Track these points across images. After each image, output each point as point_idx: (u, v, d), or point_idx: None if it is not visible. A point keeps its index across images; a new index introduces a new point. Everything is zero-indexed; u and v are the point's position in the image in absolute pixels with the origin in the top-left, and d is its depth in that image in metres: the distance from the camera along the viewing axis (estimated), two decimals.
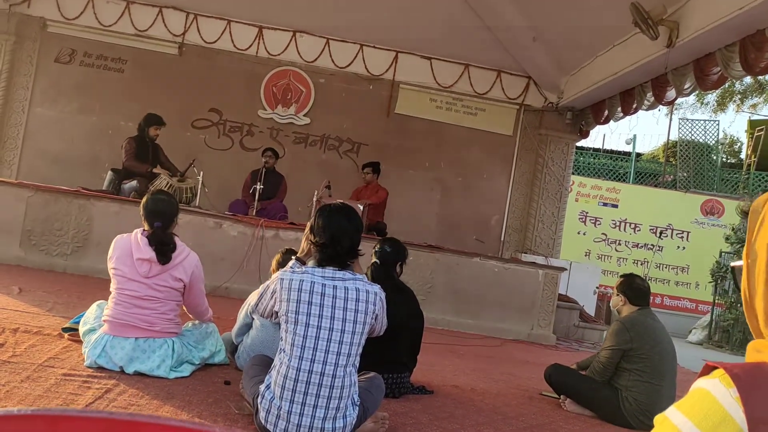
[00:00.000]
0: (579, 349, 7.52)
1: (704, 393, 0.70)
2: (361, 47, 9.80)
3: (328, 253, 2.75)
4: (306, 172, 9.37)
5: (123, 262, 3.47)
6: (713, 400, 0.68)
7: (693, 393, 0.71)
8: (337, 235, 2.75)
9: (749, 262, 0.81)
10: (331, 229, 2.77)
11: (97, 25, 9.37)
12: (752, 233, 0.81)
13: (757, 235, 0.80)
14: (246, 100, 9.72)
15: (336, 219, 2.80)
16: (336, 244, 2.75)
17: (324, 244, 2.75)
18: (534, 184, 10.13)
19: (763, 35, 5.84)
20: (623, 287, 4.19)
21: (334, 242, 2.75)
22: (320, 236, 2.77)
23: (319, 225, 2.79)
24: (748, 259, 0.81)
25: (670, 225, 13.67)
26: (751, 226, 0.82)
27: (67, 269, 6.78)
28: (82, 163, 9.22)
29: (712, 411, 0.68)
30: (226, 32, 9.59)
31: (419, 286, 7.00)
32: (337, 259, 2.75)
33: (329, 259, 2.75)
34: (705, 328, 11.92)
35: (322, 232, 2.78)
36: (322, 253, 2.76)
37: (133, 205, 6.69)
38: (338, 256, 2.75)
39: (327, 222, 2.79)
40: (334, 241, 2.75)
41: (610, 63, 8.15)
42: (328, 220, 2.80)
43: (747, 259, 0.81)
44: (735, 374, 0.69)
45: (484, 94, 9.98)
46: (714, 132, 16.61)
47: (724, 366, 0.70)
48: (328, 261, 2.75)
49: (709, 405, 0.68)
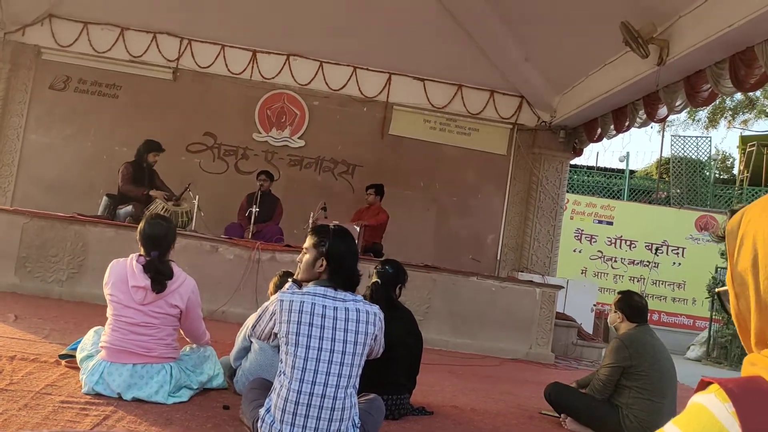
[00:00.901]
0: (578, 367, 7.49)
1: (701, 408, 0.70)
2: (355, 70, 9.87)
3: (346, 278, 2.77)
4: (301, 194, 9.38)
5: (118, 289, 3.45)
6: (710, 415, 0.68)
7: (690, 408, 0.71)
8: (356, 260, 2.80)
9: (736, 286, 0.79)
10: (352, 255, 2.81)
11: (92, 51, 9.42)
12: (733, 257, 0.79)
13: (739, 256, 0.78)
14: (241, 123, 9.76)
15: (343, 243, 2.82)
16: (354, 270, 2.79)
17: (341, 269, 2.77)
18: (529, 203, 10.16)
19: (752, 52, 5.91)
20: (621, 304, 4.19)
21: (353, 268, 2.78)
22: (342, 260, 2.78)
23: (340, 250, 2.79)
24: (734, 284, 0.79)
25: (666, 241, 13.71)
26: (730, 249, 0.79)
27: (62, 296, 6.74)
28: (77, 189, 9.21)
29: (709, 425, 0.68)
30: (220, 57, 9.66)
31: (417, 306, 6.98)
32: (353, 285, 2.78)
33: (346, 284, 2.77)
34: (703, 345, 11.90)
35: (344, 256, 2.79)
36: (336, 276, 2.76)
37: (129, 230, 6.68)
38: (355, 281, 2.79)
39: (337, 245, 2.80)
40: (353, 267, 2.79)
41: (601, 81, 8.23)
42: (347, 246, 2.82)
43: (733, 284, 0.79)
44: (730, 389, 0.69)
45: (477, 115, 10.04)
46: (706, 148, 16.74)
47: (719, 381, 0.71)
48: (344, 285, 2.76)
49: (707, 420, 0.68)
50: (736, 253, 0.78)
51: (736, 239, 0.78)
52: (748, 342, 0.80)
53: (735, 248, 0.78)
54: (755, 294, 0.76)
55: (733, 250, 0.79)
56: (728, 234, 0.80)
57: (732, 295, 0.80)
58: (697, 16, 6.21)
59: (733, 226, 0.79)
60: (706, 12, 6.06)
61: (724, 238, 0.82)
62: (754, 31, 5.64)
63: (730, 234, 0.79)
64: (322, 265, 2.79)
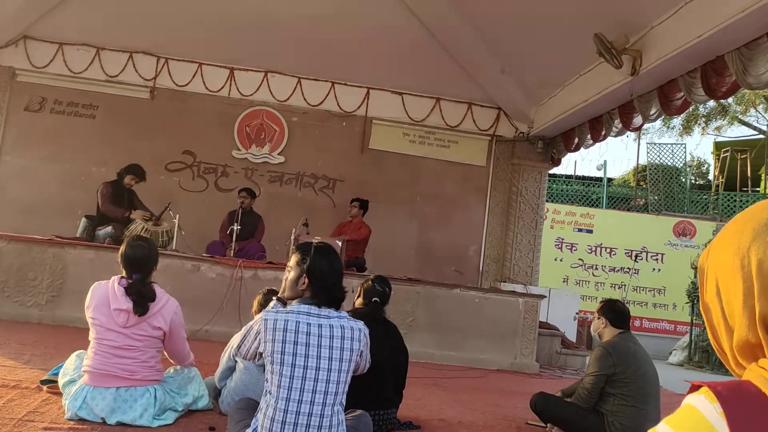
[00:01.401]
0: (563, 376, 7.53)
1: (691, 409, 0.74)
2: (333, 85, 9.92)
3: (330, 294, 2.76)
4: (282, 210, 9.37)
5: (100, 312, 3.42)
6: (700, 415, 0.72)
7: (682, 409, 0.76)
8: (339, 277, 2.80)
9: (706, 314, 0.87)
10: (335, 272, 2.80)
11: (67, 72, 9.37)
12: (702, 288, 0.88)
13: (706, 290, 0.86)
14: (220, 141, 9.74)
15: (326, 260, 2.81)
16: (338, 286, 2.78)
17: (325, 286, 2.76)
18: (509, 213, 10.23)
19: (722, 61, 6.03)
20: (604, 310, 4.23)
21: (337, 284, 2.78)
22: (325, 277, 2.77)
23: (322, 267, 2.78)
24: (706, 313, 0.87)
25: (645, 248, 13.86)
26: (700, 282, 0.88)
27: (42, 320, 6.65)
28: (54, 211, 9.10)
29: (698, 425, 0.72)
30: (198, 75, 9.65)
31: (401, 319, 6.99)
32: (337, 301, 2.78)
33: (331, 301, 2.76)
34: (685, 349, 12.02)
35: (327, 273, 2.78)
36: (321, 294, 2.76)
37: (109, 252, 6.62)
38: (339, 298, 2.78)
39: (318, 262, 2.79)
40: (336, 283, 2.78)
41: (577, 92, 8.34)
42: (330, 263, 2.81)
43: (705, 314, 0.88)
44: (718, 391, 0.73)
45: (455, 127, 10.12)
46: (681, 155, 16.99)
47: (708, 384, 0.76)
48: (329, 302, 2.76)
49: (697, 419, 0.72)
50: (705, 285, 0.87)
51: (704, 274, 0.87)
52: (728, 364, 0.87)
53: (704, 281, 0.87)
54: (723, 319, 0.83)
55: (702, 283, 0.88)
56: (699, 269, 0.90)
57: (705, 321, 0.89)
58: (668, 27, 6.34)
59: (702, 262, 0.89)
60: (677, 23, 6.19)
61: None
62: (723, 41, 5.76)
63: (700, 269, 0.89)
64: (305, 283, 2.78)
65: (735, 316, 0.81)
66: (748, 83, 5.91)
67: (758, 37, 5.57)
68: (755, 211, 0.83)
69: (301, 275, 2.79)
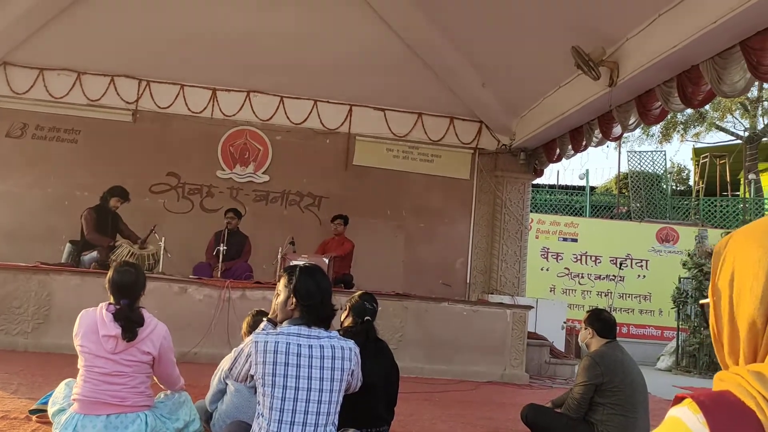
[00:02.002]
0: (552, 386, 7.56)
1: (676, 420, 0.78)
2: (315, 103, 9.97)
3: (318, 314, 2.77)
4: (269, 229, 9.36)
5: (89, 339, 3.40)
6: (684, 426, 0.76)
7: (666, 421, 0.79)
8: (327, 296, 2.81)
9: (714, 299, 0.90)
10: (322, 291, 2.81)
11: (48, 97, 9.34)
12: (715, 274, 0.90)
13: (720, 275, 0.89)
14: (204, 161, 9.74)
15: (312, 280, 2.83)
16: (326, 305, 2.79)
17: (312, 305, 2.77)
18: (494, 225, 10.30)
19: (697, 70, 6.16)
20: (591, 320, 4.27)
21: (325, 303, 2.79)
22: (311, 297, 2.78)
23: (308, 287, 2.80)
24: (714, 297, 0.90)
25: (629, 255, 13.99)
26: (714, 266, 0.91)
27: (28, 347, 6.59)
28: (38, 237, 9.04)
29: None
30: (180, 96, 9.66)
31: (390, 335, 7.00)
32: (320, 319, 2.78)
33: (320, 320, 2.77)
34: (672, 354, 12.11)
35: (314, 293, 2.79)
36: (309, 313, 2.77)
37: (95, 277, 6.59)
38: (327, 316, 2.79)
39: (304, 282, 2.81)
40: (324, 302, 2.79)
41: (557, 104, 8.45)
42: (316, 282, 2.82)
43: (713, 297, 0.90)
44: (701, 401, 0.77)
45: (438, 141, 10.20)
46: (661, 162, 17.21)
47: (691, 395, 0.79)
48: (318, 322, 2.77)
49: (681, 430, 0.76)
50: (719, 269, 0.89)
51: (720, 258, 0.90)
52: (721, 352, 0.90)
53: (718, 266, 0.90)
54: (728, 306, 0.87)
55: (716, 267, 0.90)
56: (715, 253, 0.92)
57: (711, 305, 0.91)
58: (643, 38, 6.46)
59: (719, 247, 0.91)
60: (651, 34, 6.31)
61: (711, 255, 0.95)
62: (697, 51, 5.88)
63: (717, 253, 0.91)
64: (293, 303, 2.80)
65: (742, 307, 0.84)
66: (723, 91, 6.03)
67: (731, 46, 5.70)
68: None
69: (289, 296, 2.81)
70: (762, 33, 5.35)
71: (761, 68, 5.51)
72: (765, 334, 0.82)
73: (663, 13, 6.13)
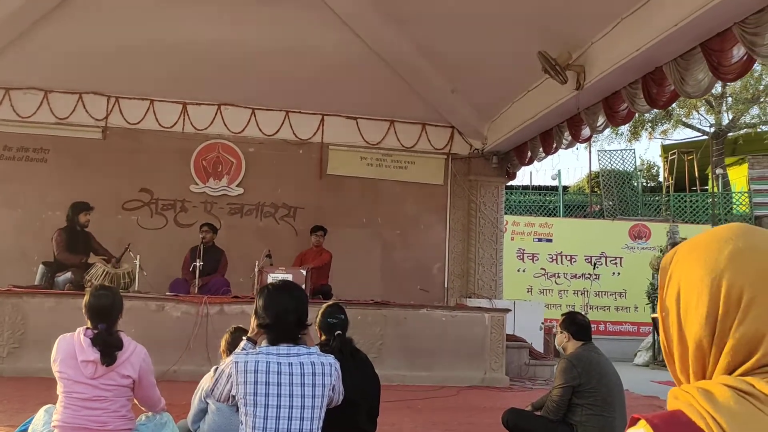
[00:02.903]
0: (533, 387, 7.64)
1: None
2: (287, 114, 9.97)
3: (275, 333, 2.78)
4: (245, 242, 9.32)
5: (67, 365, 3.38)
6: None
7: None
8: (281, 313, 2.79)
9: (663, 315, 0.91)
10: (275, 308, 2.80)
11: (15, 117, 9.23)
12: (663, 289, 0.91)
13: (667, 292, 0.90)
14: (176, 176, 9.68)
15: (277, 298, 2.84)
16: (280, 323, 2.78)
17: (269, 325, 2.78)
18: (470, 229, 10.38)
19: (661, 71, 6.30)
20: (566, 324, 4.34)
21: (279, 321, 2.78)
22: (264, 317, 2.80)
23: (261, 306, 2.82)
24: (662, 313, 0.91)
25: (603, 253, 14.18)
26: (662, 282, 0.92)
27: (4, 372, 6.49)
28: (10, 259, 8.89)
29: None
30: (150, 112, 9.60)
31: (370, 344, 7.02)
32: (285, 337, 2.78)
33: (277, 339, 2.78)
34: (649, 350, 12.30)
35: (265, 313, 2.81)
36: (269, 334, 2.79)
37: (70, 298, 6.52)
38: (286, 333, 2.79)
39: (269, 302, 2.82)
40: (278, 321, 2.78)
41: (526, 108, 8.57)
42: (269, 300, 2.83)
43: (661, 313, 0.92)
44: (654, 423, 0.80)
45: (411, 148, 10.26)
46: (631, 160, 17.50)
47: (645, 417, 0.82)
48: (276, 340, 2.78)
49: None
50: (666, 286, 0.91)
51: (666, 274, 0.91)
52: (673, 368, 0.92)
53: (665, 282, 0.91)
54: (676, 323, 0.88)
55: (663, 283, 0.91)
56: (662, 269, 0.93)
57: (660, 321, 0.92)
58: (607, 42, 6.59)
59: (665, 263, 0.92)
60: (615, 38, 6.45)
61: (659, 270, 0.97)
62: (659, 53, 6.02)
63: (663, 269, 0.92)
64: (267, 323, 2.81)
65: (689, 325, 0.86)
66: (687, 92, 6.19)
67: (692, 48, 5.84)
68: (734, 234, 0.86)
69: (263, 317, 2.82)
70: (721, 35, 5.50)
71: (722, 69, 5.66)
72: (712, 353, 0.84)
73: (625, 17, 6.27)
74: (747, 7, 5.07)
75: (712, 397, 0.80)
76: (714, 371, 0.85)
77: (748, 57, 5.39)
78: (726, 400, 0.79)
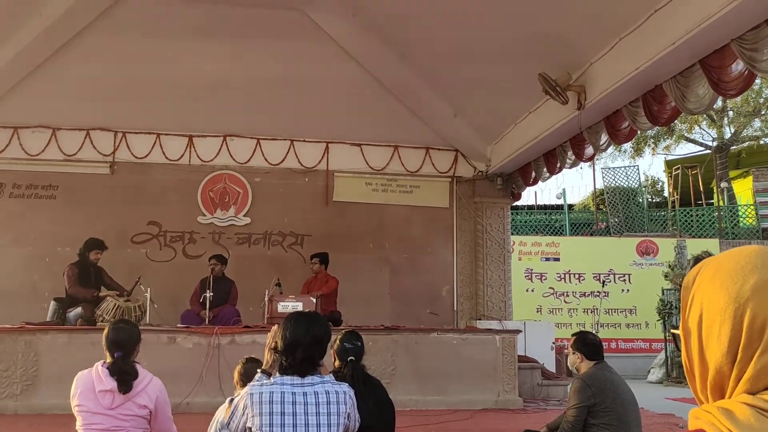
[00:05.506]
0: (546, 408, 7.59)
1: None
2: (292, 143, 10.06)
3: (295, 362, 2.79)
4: (253, 271, 9.35)
5: (86, 397, 3.41)
6: None
7: None
8: (306, 344, 2.80)
9: (685, 335, 0.94)
10: (300, 337, 2.81)
11: (24, 155, 9.34)
12: (685, 310, 0.93)
13: (689, 313, 0.92)
14: (184, 208, 9.76)
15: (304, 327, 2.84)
16: (304, 352, 2.79)
17: (291, 353, 2.79)
18: (477, 251, 10.39)
19: (661, 89, 6.35)
20: (578, 345, 4.34)
21: (301, 350, 2.79)
22: (289, 347, 2.79)
23: (288, 335, 2.82)
24: (684, 333, 0.94)
25: (612, 270, 14.15)
26: (684, 302, 0.94)
27: (18, 410, 6.50)
28: (21, 296, 8.94)
29: None
30: (157, 145, 9.71)
31: (382, 369, 7.02)
32: (304, 366, 2.79)
33: (295, 368, 2.78)
34: (662, 366, 12.21)
35: (289, 341, 2.81)
36: (288, 362, 2.80)
37: (82, 333, 6.56)
38: (306, 362, 2.80)
39: (295, 331, 2.82)
40: (300, 349, 2.79)
41: (529, 129, 8.63)
42: (295, 329, 2.83)
43: (683, 333, 0.94)
44: None
45: (416, 172, 10.32)
46: (635, 176, 17.52)
47: None
48: (292, 370, 2.78)
49: None
50: (688, 307, 0.92)
51: (689, 295, 0.93)
52: (694, 385, 0.94)
53: (688, 303, 0.93)
54: (698, 346, 0.91)
55: (685, 304, 0.93)
56: (684, 288, 0.94)
57: (682, 340, 0.95)
58: (606, 61, 6.67)
59: (687, 283, 0.94)
60: (614, 57, 6.52)
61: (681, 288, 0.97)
62: (659, 71, 6.08)
63: (686, 288, 0.94)
64: (283, 354, 2.83)
65: (710, 351, 0.88)
66: (689, 108, 6.23)
67: (692, 65, 5.90)
68: (759, 263, 0.87)
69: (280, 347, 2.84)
70: (719, 51, 5.56)
71: (722, 84, 5.71)
72: (732, 377, 0.87)
73: (623, 37, 6.34)
74: (743, 23, 5.14)
75: (732, 416, 0.82)
76: (733, 394, 0.87)
77: (748, 72, 5.44)
78: (746, 417, 0.81)
